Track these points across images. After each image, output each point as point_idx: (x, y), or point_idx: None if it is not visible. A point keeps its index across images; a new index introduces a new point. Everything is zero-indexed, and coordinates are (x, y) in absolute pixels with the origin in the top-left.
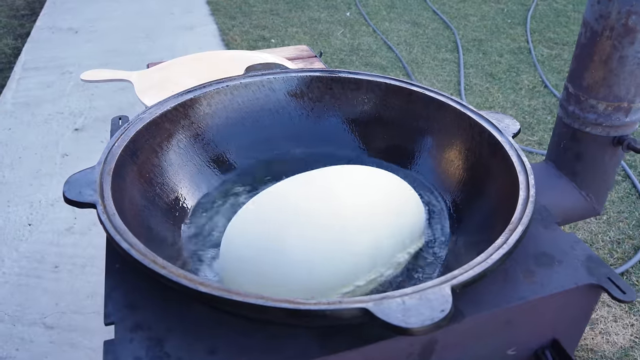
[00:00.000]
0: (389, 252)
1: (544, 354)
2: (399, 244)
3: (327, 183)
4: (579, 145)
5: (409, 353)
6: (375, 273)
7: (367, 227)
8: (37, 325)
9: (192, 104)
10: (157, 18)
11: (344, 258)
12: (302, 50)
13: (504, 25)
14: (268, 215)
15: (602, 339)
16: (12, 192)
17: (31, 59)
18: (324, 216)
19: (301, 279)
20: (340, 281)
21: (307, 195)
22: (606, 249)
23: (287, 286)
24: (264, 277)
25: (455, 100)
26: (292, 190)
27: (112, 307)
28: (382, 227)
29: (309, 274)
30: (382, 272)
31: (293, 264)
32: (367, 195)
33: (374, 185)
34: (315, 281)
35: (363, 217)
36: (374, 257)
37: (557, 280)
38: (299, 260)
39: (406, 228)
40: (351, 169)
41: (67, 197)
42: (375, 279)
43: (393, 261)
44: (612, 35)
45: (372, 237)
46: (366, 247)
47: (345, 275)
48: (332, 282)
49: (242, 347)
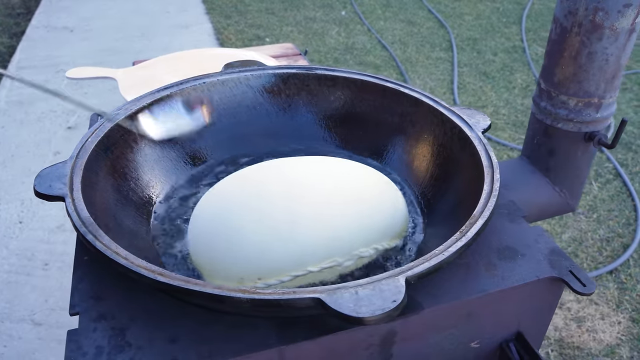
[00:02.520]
0: (348, 244)
1: (508, 347)
2: (361, 237)
3: (293, 170)
4: (552, 141)
5: (368, 344)
6: (332, 262)
7: (324, 215)
8: (25, 322)
9: (169, 100)
10: (153, 17)
11: (297, 242)
12: (287, 48)
13: (499, 24)
14: (230, 197)
15: (588, 336)
16: (4, 189)
17: (25, 58)
18: (281, 200)
19: (254, 258)
20: (291, 264)
21: (269, 180)
22: (595, 247)
23: (240, 264)
24: (220, 255)
25: (428, 96)
26: (256, 174)
27: (78, 297)
28: (342, 218)
29: (261, 254)
30: (340, 262)
31: (247, 243)
32: (332, 186)
33: (345, 177)
34: (267, 261)
35: (322, 206)
36: (330, 247)
37: (519, 273)
38: (253, 240)
39: (374, 223)
40: (326, 161)
41: (37, 190)
42: (332, 268)
43: (354, 254)
44: (580, 32)
45: (328, 226)
46: (320, 235)
47: (296, 259)
48: (283, 264)
49: (203, 336)
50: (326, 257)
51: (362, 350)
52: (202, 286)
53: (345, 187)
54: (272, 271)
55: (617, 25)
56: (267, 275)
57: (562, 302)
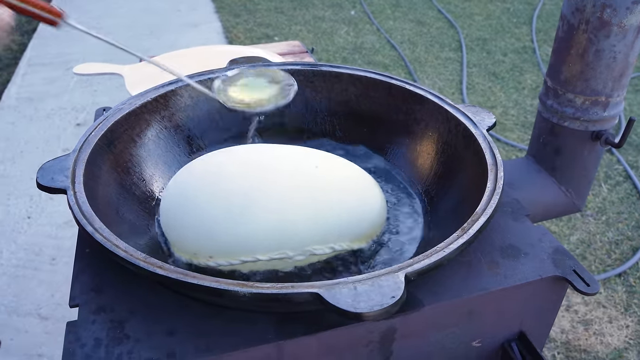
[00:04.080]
0: (300, 239)
1: (510, 347)
2: (316, 234)
3: (263, 156)
4: (558, 140)
5: (368, 341)
6: (281, 254)
7: (279, 204)
8: (32, 316)
9: (173, 95)
10: (163, 15)
11: (246, 227)
12: (294, 45)
13: (509, 25)
14: (196, 173)
15: (595, 339)
16: (13, 185)
17: (36, 55)
18: (240, 182)
19: (204, 236)
20: (239, 248)
21: (235, 161)
22: (604, 249)
23: (193, 239)
24: (178, 227)
25: (434, 94)
26: (227, 155)
27: (79, 289)
28: (297, 210)
29: (211, 233)
30: (290, 256)
31: (200, 220)
32: (299, 176)
33: (318, 170)
34: (216, 241)
35: (280, 195)
36: (280, 238)
37: (522, 271)
38: (205, 217)
39: (333, 221)
40: (305, 151)
41: (39, 182)
42: (283, 260)
43: (306, 249)
44: (587, 29)
45: (281, 217)
46: (271, 225)
47: (244, 244)
48: (231, 247)
49: (201, 330)
50: (276, 248)
51: (362, 347)
52: (200, 279)
53: (312, 180)
54: (221, 252)
55: (626, 23)
56: (217, 255)
57: (570, 304)
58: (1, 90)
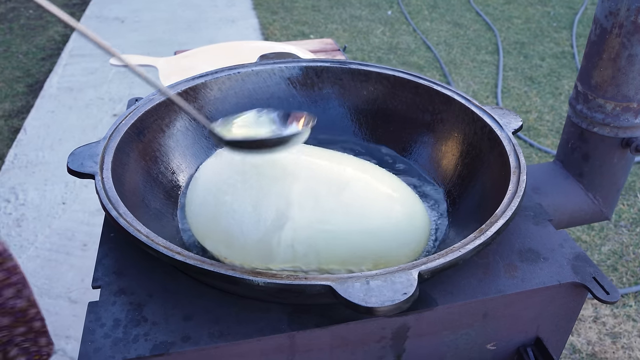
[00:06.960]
0: (317, 258)
1: (526, 352)
2: (334, 256)
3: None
4: (587, 146)
5: (380, 337)
6: (294, 267)
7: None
8: (62, 299)
9: (203, 88)
10: (201, 10)
11: (261, 235)
12: (327, 43)
13: (549, 29)
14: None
15: (623, 353)
16: (50, 171)
17: (78, 47)
18: (273, 189)
19: (222, 236)
20: (253, 256)
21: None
22: (637, 261)
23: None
24: (201, 219)
25: (460, 94)
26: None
27: (102, 272)
28: (319, 228)
29: (228, 235)
30: (304, 270)
31: (222, 218)
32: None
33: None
34: (232, 243)
35: (306, 210)
36: (295, 253)
37: (540, 276)
38: (226, 216)
39: (358, 246)
40: (354, 162)
41: (69, 167)
42: (296, 272)
43: (322, 268)
44: (621, 33)
45: (301, 234)
46: (283, 243)
47: (258, 251)
48: (245, 251)
49: (217, 316)
50: (290, 260)
51: (374, 343)
52: (217, 267)
53: (351, 198)
54: (235, 254)
55: None
56: (231, 257)
57: (598, 315)
58: (44, 79)
